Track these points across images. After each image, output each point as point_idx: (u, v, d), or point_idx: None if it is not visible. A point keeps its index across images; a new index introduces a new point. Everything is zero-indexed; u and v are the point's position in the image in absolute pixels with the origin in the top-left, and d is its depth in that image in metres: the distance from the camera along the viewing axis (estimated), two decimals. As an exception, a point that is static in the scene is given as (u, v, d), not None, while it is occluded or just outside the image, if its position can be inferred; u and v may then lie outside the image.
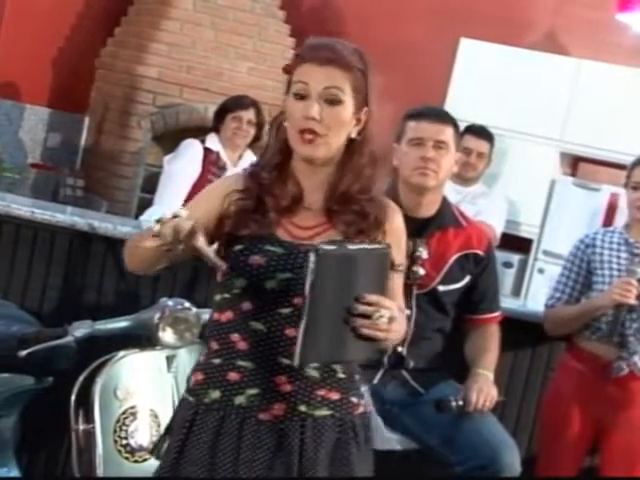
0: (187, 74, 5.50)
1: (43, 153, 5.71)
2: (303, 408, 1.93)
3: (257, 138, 4.40)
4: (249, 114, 4.35)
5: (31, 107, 5.59)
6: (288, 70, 1.99)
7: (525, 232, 5.25)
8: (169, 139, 5.31)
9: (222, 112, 4.40)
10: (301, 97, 1.92)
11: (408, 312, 2.85)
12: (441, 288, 2.91)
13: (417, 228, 2.87)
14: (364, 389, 2.04)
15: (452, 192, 4.22)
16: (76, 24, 5.76)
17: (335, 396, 1.96)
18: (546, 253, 5.17)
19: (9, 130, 5.50)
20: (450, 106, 4.92)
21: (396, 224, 2.02)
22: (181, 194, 4.13)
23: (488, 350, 2.97)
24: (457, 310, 2.99)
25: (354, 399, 1.99)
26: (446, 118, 2.94)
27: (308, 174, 1.96)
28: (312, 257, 1.71)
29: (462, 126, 4.40)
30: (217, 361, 1.96)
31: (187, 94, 5.49)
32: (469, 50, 5.43)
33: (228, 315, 1.95)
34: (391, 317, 1.76)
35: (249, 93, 4.64)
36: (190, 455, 1.92)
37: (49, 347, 2.49)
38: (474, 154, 4.52)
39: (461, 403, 2.81)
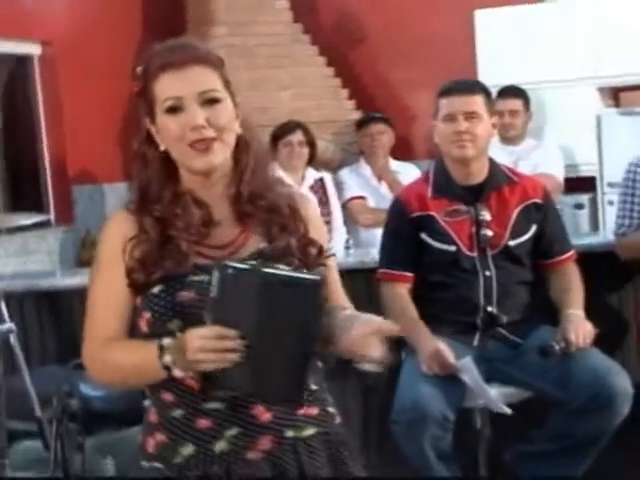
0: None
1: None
2: (290, 433, 1.66)
3: (312, 155, 4.49)
4: (297, 136, 4.41)
5: (109, 186, 5.75)
6: (141, 91, 1.69)
7: (585, 171, 5.17)
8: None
9: (273, 141, 4.46)
10: (175, 111, 1.64)
11: (488, 273, 2.89)
12: (512, 243, 2.91)
13: (474, 194, 2.92)
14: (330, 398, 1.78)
15: (505, 154, 4.22)
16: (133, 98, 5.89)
17: (314, 411, 1.70)
18: (611, 185, 5.06)
19: (94, 211, 5.64)
20: (483, 76, 4.91)
21: (311, 210, 1.78)
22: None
23: (571, 289, 2.94)
24: (533, 259, 2.97)
25: (331, 409, 1.75)
26: (473, 88, 2.93)
27: (207, 187, 1.69)
28: (215, 273, 1.51)
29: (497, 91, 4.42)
30: (178, 412, 1.65)
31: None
32: (485, 20, 5.40)
33: None
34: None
35: (296, 117, 4.68)
36: None
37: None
38: (506, 114, 4.55)
39: (563, 345, 2.78)
